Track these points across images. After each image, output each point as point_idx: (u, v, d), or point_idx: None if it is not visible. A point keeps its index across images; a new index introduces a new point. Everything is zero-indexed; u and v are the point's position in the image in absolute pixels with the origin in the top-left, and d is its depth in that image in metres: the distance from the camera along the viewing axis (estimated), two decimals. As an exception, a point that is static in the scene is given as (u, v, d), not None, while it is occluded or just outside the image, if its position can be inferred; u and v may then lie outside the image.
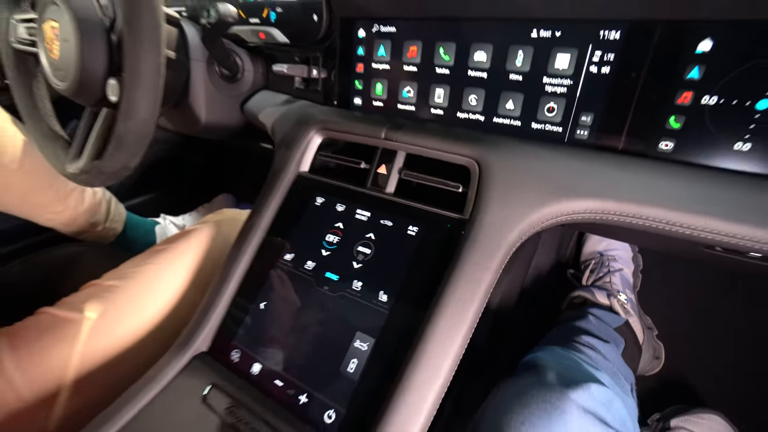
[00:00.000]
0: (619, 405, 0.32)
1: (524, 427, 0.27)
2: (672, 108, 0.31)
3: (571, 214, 0.31)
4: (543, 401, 0.29)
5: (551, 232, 0.81)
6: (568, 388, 0.30)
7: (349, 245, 0.36)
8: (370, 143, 0.40)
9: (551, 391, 0.30)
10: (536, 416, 0.28)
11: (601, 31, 0.32)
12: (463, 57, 0.38)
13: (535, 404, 0.29)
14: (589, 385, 0.31)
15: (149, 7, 0.35)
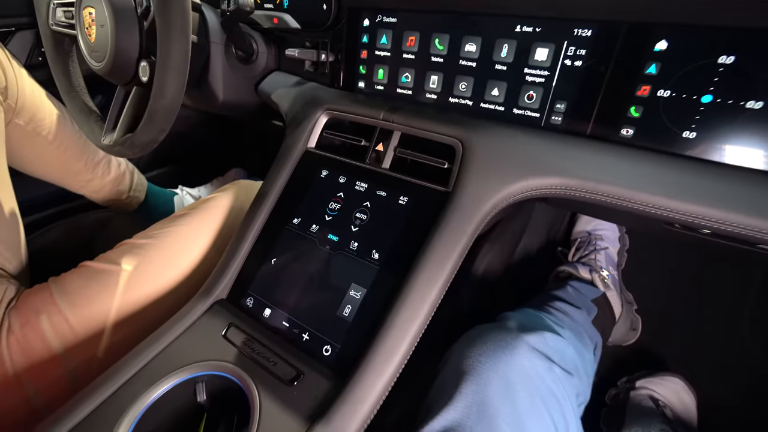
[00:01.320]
0: (572, 354, 0.37)
1: (482, 358, 0.33)
2: (633, 99, 0.35)
3: (539, 189, 0.36)
4: (500, 340, 0.35)
5: (544, 211, 0.85)
6: (523, 332, 0.36)
7: (348, 212, 0.41)
8: (369, 123, 0.45)
9: (509, 333, 0.35)
10: (491, 350, 0.33)
11: (574, 29, 0.36)
12: (455, 47, 0.42)
13: (492, 342, 0.34)
14: (544, 333, 0.36)
15: (181, 22, 0.40)
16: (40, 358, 0.41)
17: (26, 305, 0.45)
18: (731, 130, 0.32)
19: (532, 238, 0.85)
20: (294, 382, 0.33)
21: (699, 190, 0.32)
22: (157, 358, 0.36)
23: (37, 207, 0.83)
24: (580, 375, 0.38)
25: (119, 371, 0.35)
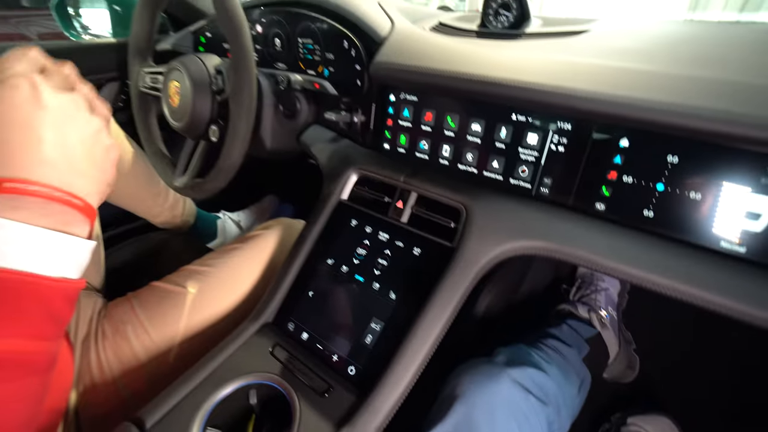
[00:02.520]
0: (552, 387, 0.45)
1: (472, 386, 0.41)
2: (604, 180, 0.43)
3: (526, 250, 0.45)
4: (488, 372, 0.43)
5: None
6: (509, 366, 0.44)
7: (372, 257, 0.51)
8: (392, 183, 0.55)
9: (496, 367, 0.44)
10: (480, 380, 0.42)
11: (558, 121, 0.45)
12: (464, 126, 0.52)
13: (481, 373, 0.43)
14: (527, 368, 0.44)
15: (249, 86, 0.52)
16: (127, 359, 0.52)
17: (114, 316, 0.57)
18: (681, 214, 0.40)
19: (538, 273, 0.92)
20: (325, 393, 0.43)
21: (653, 262, 0.40)
22: (220, 368, 0.46)
23: (105, 227, 0.97)
24: (557, 406, 0.45)
25: (192, 376, 0.45)
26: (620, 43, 0.51)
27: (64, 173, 0.27)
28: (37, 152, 0.26)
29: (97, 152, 0.30)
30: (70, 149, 0.28)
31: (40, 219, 0.25)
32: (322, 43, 0.66)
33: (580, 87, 0.41)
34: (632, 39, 0.52)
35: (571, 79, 0.43)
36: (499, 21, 0.65)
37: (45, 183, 0.26)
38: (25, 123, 0.26)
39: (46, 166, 0.26)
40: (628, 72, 0.41)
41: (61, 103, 0.29)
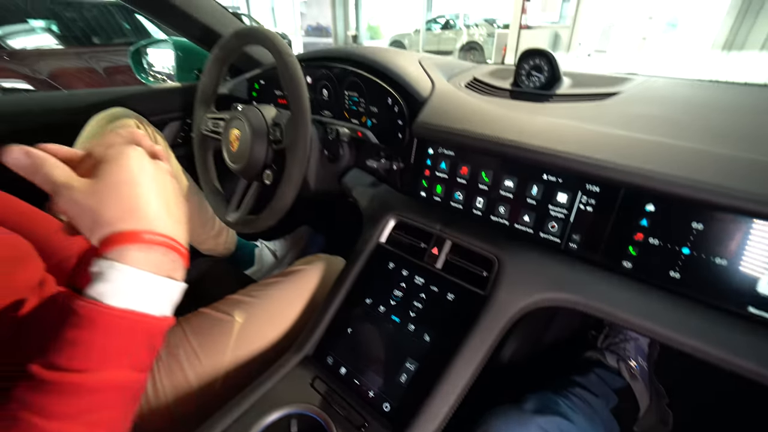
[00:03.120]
0: (580, 439, 0.46)
1: (499, 431, 0.44)
2: (631, 241, 0.46)
3: (554, 302, 0.48)
4: (517, 418, 0.45)
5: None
6: (536, 414, 0.45)
7: (408, 300, 0.55)
8: (429, 231, 0.60)
9: (525, 414, 0.46)
10: (506, 427, 0.44)
11: (586, 184, 0.49)
12: (497, 181, 0.56)
13: (511, 420, 0.45)
14: (554, 416, 0.46)
15: (304, 140, 0.58)
16: (179, 382, 0.57)
17: (167, 339, 0.63)
18: (707, 278, 0.42)
19: (566, 319, 0.93)
20: (361, 429, 0.46)
21: (678, 321, 0.42)
22: (264, 397, 0.50)
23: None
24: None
25: (239, 404, 0.49)
26: (650, 110, 0.54)
27: (169, 223, 0.32)
28: (150, 208, 0.31)
29: (177, 203, 0.36)
30: (167, 203, 0.34)
31: (157, 266, 0.30)
32: (367, 96, 0.73)
33: (608, 158, 0.45)
34: (662, 105, 0.56)
35: (600, 150, 0.47)
36: (531, 81, 0.70)
37: (162, 233, 0.31)
38: (137, 184, 0.32)
39: (159, 219, 0.31)
40: (656, 146, 0.45)
41: (154, 167, 0.35)
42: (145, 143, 0.38)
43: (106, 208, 0.30)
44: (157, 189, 0.33)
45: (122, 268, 0.28)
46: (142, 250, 0.29)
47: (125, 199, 0.31)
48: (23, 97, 0.88)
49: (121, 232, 0.29)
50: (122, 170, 0.32)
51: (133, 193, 0.31)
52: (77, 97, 0.93)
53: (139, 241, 0.29)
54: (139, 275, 0.29)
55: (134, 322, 0.29)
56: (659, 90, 0.62)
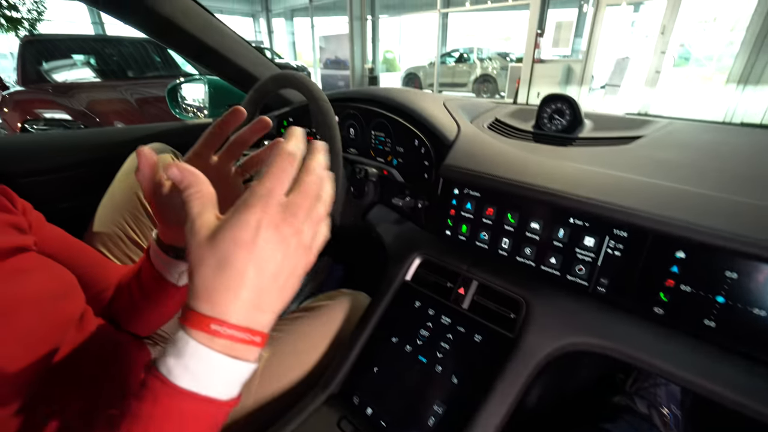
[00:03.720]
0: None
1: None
2: (662, 287, 0.46)
3: (584, 346, 0.47)
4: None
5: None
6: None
7: (435, 340, 0.55)
8: (455, 270, 0.61)
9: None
10: None
11: (613, 229, 0.49)
12: (523, 223, 0.57)
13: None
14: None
15: (336, 179, 0.61)
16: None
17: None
18: (744, 328, 0.41)
19: (593, 360, 0.90)
20: (389, 473, 0.45)
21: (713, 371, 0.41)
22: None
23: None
24: None
25: (267, 441, 0.49)
26: (675, 156, 0.55)
27: (251, 314, 0.27)
28: (236, 295, 0.27)
29: (290, 285, 0.29)
30: (264, 288, 0.28)
31: (226, 349, 0.27)
32: (394, 137, 0.77)
33: (635, 206, 0.46)
34: (687, 151, 0.57)
35: (626, 196, 0.48)
36: (553, 124, 0.72)
37: (236, 325, 0.27)
38: (238, 260, 0.27)
39: (239, 310, 0.27)
40: (683, 193, 0.46)
41: (279, 237, 0.28)
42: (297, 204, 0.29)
43: (198, 271, 0.27)
44: (262, 269, 0.27)
45: (192, 344, 0.26)
46: (206, 338, 0.27)
47: (216, 272, 0.27)
48: (69, 133, 0.95)
49: (194, 310, 0.27)
50: (237, 236, 0.27)
51: (228, 271, 0.27)
52: (119, 132, 0.99)
53: (205, 330, 0.26)
54: (207, 357, 0.27)
55: (197, 406, 0.27)
56: (682, 134, 0.63)
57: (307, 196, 0.29)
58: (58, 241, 0.57)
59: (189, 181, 0.30)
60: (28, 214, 0.53)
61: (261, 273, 0.27)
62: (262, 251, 0.27)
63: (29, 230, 0.51)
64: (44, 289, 0.47)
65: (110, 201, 0.83)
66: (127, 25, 0.84)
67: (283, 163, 0.29)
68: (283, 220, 0.28)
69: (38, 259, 0.50)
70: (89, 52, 3.56)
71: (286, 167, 0.29)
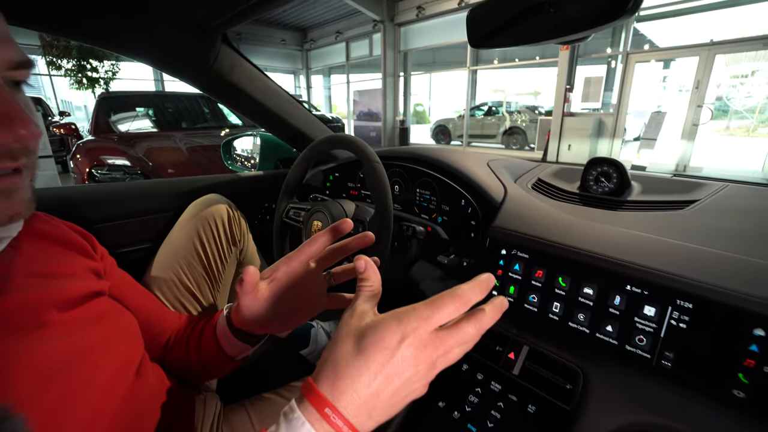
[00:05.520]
0: None
1: None
2: (740, 367, 0.43)
3: (651, 428, 0.44)
4: None
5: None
6: None
7: (485, 407, 0.53)
8: (504, 333, 0.59)
9: None
10: None
11: (677, 299, 0.47)
12: (576, 287, 0.56)
13: None
14: None
15: (386, 241, 0.62)
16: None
17: (232, 422, 0.64)
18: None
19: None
20: None
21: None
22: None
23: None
24: None
25: None
26: (736, 224, 0.54)
27: (362, 416, 0.28)
28: (358, 390, 0.28)
29: (401, 404, 0.30)
30: (385, 396, 0.29)
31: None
32: (439, 195, 0.79)
33: (697, 276, 0.45)
34: (749, 218, 0.55)
35: (687, 266, 0.47)
36: (600, 186, 0.73)
37: (346, 419, 0.27)
38: (370, 371, 0.28)
39: (356, 407, 0.28)
40: (749, 266, 0.44)
41: (416, 360, 0.29)
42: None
43: (334, 352, 0.29)
44: (389, 379, 0.28)
45: (306, 426, 0.27)
46: (319, 418, 0.28)
47: (350, 361, 0.29)
48: (129, 184, 1.04)
49: (317, 387, 0.28)
50: (384, 339, 0.29)
51: (360, 365, 0.28)
52: (180, 183, 1.08)
53: (320, 411, 0.27)
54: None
55: None
56: (742, 200, 0.62)
57: (457, 341, 0.31)
58: (125, 286, 0.62)
59: (368, 276, 0.35)
60: (105, 260, 0.58)
61: (386, 382, 0.28)
62: (397, 363, 0.28)
63: (105, 275, 0.56)
64: (116, 334, 0.50)
65: (169, 247, 0.88)
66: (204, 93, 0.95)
67: (455, 303, 0.30)
68: (425, 346, 0.29)
69: (111, 303, 0.53)
70: (150, 106, 3.97)
71: (453, 309, 0.30)
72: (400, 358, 0.28)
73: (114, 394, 0.44)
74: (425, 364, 0.30)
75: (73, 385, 0.39)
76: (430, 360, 0.30)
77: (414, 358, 0.29)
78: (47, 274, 0.44)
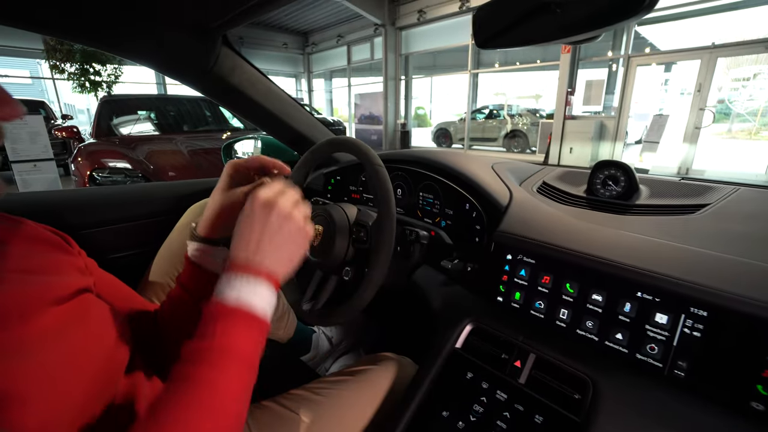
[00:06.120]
0: None
1: None
2: (759, 378, 0.41)
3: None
4: None
5: None
6: None
7: (490, 417, 0.51)
8: (510, 340, 0.58)
9: None
10: None
11: (690, 307, 0.46)
12: (584, 294, 0.55)
13: None
14: None
15: (389, 246, 0.61)
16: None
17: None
18: None
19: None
20: None
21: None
22: None
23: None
24: None
25: None
26: (747, 228, 0.52)
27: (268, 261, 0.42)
28: (262, 249, 0.42)
29: (289, 246, 0.46)
30: (275, 246, 0.44)
31: (264, 289, 0.41)
32: (443, 199, 0.78)
33: (711, 283, 0.43)
34: (760, 222, 0.54)
35: (700, 272, 0.45)
36: (607, 190, 0.71)
37: (266, 271, 0.41)
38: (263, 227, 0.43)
39: (266, 258, 0.42)
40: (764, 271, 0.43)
41: (286, 214, 0.45)
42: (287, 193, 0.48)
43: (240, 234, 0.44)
44: (274, 233, 0.44)
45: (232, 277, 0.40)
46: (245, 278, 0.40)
47: (249, 234, 0.43)
48: (127, 187, 1.03)
49: (234, 259, 0.42)
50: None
51: (255, 234, 0.43)
52: (178, 187, 1.07)
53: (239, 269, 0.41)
54: (261, 291, 0.40)
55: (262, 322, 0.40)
56: (754, 203, 0.60)
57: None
58: (108, 286, 0.60)
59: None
60: (84, 258, 0.56)
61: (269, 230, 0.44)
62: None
63: (87, 272, 0.54)
64: (104, 332, 0.48)
65: (167, 252, 0.87)
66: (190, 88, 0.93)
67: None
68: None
69: (97, 301, 0.52)
70: (152, 109, 3.96)
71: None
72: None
73: (102, 395, 0.43)
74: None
75: (60, 383, 0.38)
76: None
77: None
78: (31, 270, 0.42)
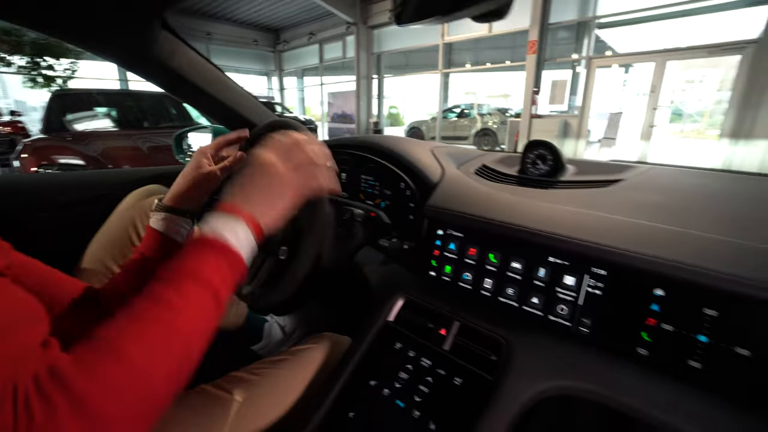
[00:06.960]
0: None
1: None
2: (643, 326, 0.45)
3: (566, 390, 0.45)
4: None
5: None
6: None
7: (414, 383, 0.53)
8: (437, 311, 0.59)
9: None
10: None
11: (592, 267, 0.49)
12: (505, 263, 0.57)
13: None
14: None
15: (323, 223, 0.61)
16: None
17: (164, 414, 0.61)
18: (730, 369, 0.40)
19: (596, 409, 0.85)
20: None
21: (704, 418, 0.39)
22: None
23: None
24: None
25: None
26: (653, 197, 0.56)
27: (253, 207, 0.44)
28: (248, 196, 0.44)
29: (274, 196, 0.46)
30: (259, 195, 0.45)
31: (241, 227, 0.41)
32: (383, 180, 0.79)
33: (611, 243, 0.46)
34: (664, 193, 0.58)
35: (603, 235, 0.48)
36: (537, 169, 0.74)
37: (246, 213, 0.42)
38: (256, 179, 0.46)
39: (250, 203, 0.43)
40: (660, 232, 0.46)
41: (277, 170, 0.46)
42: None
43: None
44: (261, 184, 0.46)
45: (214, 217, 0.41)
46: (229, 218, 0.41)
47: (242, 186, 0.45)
48: (71, 174, 0.99)
49: (221, 203, 0.43)
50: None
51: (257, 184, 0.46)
52: (119, 174, 1.03)
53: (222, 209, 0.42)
54: (239, 228, 0.41)
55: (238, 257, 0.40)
56: (661, 178, 0.65)
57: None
58: (27, 270, 0.57)
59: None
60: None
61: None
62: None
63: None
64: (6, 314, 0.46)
65: (104, 237, 0.84)
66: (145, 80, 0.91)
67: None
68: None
69: (2, 282, 0.49)
70: (111, 105, 3.79)
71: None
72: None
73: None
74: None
75: None
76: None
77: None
78: None
